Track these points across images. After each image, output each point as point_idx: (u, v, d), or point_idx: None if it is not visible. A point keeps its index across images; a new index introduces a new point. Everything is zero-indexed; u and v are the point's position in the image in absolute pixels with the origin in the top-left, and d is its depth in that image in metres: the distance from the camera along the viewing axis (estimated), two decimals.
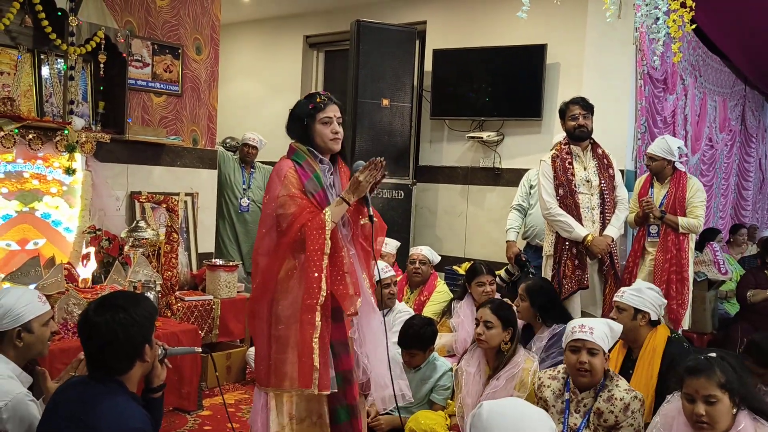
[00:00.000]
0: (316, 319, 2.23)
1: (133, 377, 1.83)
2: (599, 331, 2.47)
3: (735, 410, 1.99)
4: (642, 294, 2.87)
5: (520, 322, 3.10)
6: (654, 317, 2.87)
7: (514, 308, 3.01)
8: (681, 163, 4.05)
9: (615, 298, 2.94)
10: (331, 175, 2.44)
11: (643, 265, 4.03)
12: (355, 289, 2.34)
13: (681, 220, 3.91)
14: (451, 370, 3.19)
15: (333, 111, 2.39)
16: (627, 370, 2.82)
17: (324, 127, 2.38)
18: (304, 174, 2.35)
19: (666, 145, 3.97)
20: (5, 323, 2.17)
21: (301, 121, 2.40)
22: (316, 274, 2.23)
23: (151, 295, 3.29)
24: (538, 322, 3.23)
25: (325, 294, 2.24)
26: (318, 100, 2.39)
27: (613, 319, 2.84)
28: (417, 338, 3.12)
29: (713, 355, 2.05)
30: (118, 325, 1.78)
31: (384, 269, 3.57)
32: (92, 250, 3.55)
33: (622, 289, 2.97)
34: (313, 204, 2.33)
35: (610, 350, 2.54)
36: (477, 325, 2.85)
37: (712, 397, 1.97)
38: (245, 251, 5.04)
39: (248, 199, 5.02)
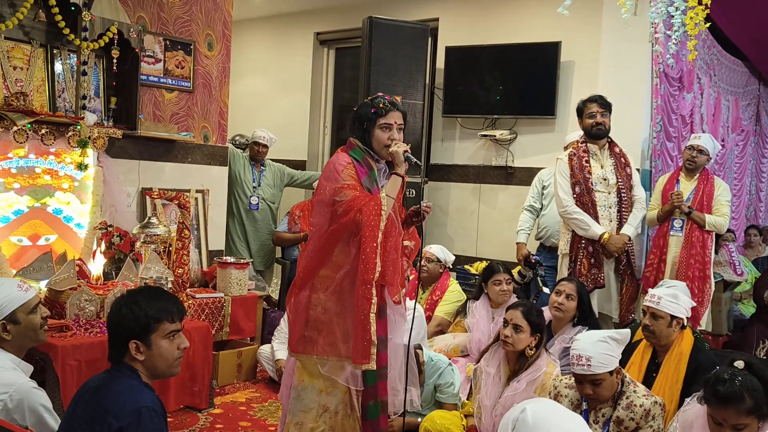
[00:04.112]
0: (372, 293, 2.26)
1: (140, 369, 1.83)
2: (597, 358, 2.33)
3: (761, 424, 1.95)
4: (679, 300, 2.75)
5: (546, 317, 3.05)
6: (685, 321, 2.78)
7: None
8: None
9: (649, 304, 2.77)
10: (387, 178, 2.46)
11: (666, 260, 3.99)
12: (401, 279, 2.40)
13: (708, 217, 3.91)
14: (450, 365, 3.15)
15: (394, 118, 2.42)
16: (651, 373, 2.75)
17: (382, 132, 2.41)
18: (362, 170, 2.40)
19: (713, 143, 4.06)
20: None
21: (361, 123, 2.43)
22: (373, 248, 2.26)
23: None
24: (570, 322, 3.18)
25: (380, 270, 2.27)
26: (381, 105, 2.41)
27: (647, 325, 2.76)
28: None
29: (740, 364, 1.99)
30: (111, 314, 1.87)
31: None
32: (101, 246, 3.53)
33: (656, 294, 2.79)
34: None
35: (632, 342, 2.43)
36: (505, 325, 2.78)
37: (740, 425, 1.93)
38: (254, 249, 5.02)
39: (258, 197, 4.99)
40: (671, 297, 2.76)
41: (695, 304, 3.00)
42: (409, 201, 5.20)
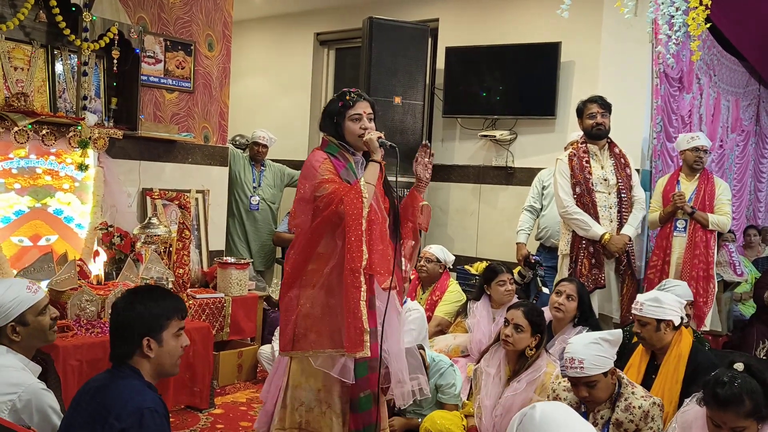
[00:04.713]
0: (361, 281, 2.26)
1: (144, 369, 1.83)
2: (590, 360, 2.33)
3: (760, 426, 1.96)
4: (661, 303, 2.69)
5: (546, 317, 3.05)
6: (677, 321, 2.72)
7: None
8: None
9: (634, 312, 2.74)
10: (364, 169, 2.45)
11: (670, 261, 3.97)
12: (390, 266, 2.37)
13: (711, 216, 3.90)
14: (451, 366, 3.15)
15: (363, 107, 2.44)
16: (650, 375, 2.73)
17: (353, 123, 2.42)
18: (339, 164, 2.41)
19: (708, 139, 4.08)
20: None
21: (332, 119, 2.45)
22: (358, 236, 2.25)
23: None
24: (570, 323, 3.19)
25: (367, 258, 2.27)
26: (347, 97, 2.43)
27: (637, 333, 2.73)
28: None
29: (739, 367, 1.98)
30: (121, 311, 1.86)
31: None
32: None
33: (639, 300, 2.75)
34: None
35: (632, 344, 2.41)
36: (506, 325, 2.79)
37: (739, 428, 1.93)
38: (255, 249, 5.02)
39: (258, 197, 4.99)
40: (653, 301, 2.70)
41: (685, 303, 2.93)
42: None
